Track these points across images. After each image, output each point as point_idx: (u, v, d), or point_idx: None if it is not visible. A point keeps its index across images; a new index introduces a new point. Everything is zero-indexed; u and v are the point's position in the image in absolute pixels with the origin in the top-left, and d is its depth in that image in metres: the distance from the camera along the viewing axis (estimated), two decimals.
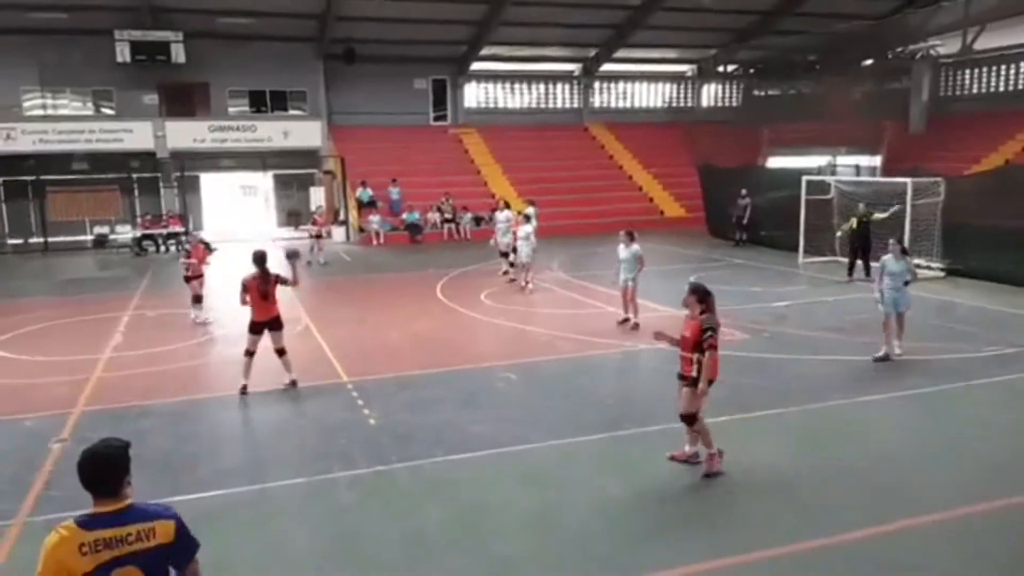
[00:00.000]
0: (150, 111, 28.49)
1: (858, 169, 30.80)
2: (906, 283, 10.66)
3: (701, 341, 6.83)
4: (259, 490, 6.85)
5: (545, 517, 6.31)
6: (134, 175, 28.59)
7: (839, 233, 18.62)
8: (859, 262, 17.00)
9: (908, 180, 17.52)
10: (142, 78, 27.92)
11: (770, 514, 6.28)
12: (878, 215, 17.19)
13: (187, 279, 14.09)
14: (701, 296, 7.05)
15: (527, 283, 16.41)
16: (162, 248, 25.57)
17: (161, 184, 28.48)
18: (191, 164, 28.12)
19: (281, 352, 9.79)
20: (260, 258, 9.66)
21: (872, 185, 20.43)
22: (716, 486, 6.81)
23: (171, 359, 11.44)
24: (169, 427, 8.53)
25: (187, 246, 15.37)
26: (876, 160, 31.67)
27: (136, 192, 28.90)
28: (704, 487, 6.81)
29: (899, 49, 33.09)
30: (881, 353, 10.58)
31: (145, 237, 25.56)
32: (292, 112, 30.67)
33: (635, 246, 13.15)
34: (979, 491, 6.59)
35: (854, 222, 17.30)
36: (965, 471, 7.11)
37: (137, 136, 27.30)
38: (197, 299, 13.97)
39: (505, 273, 18.01)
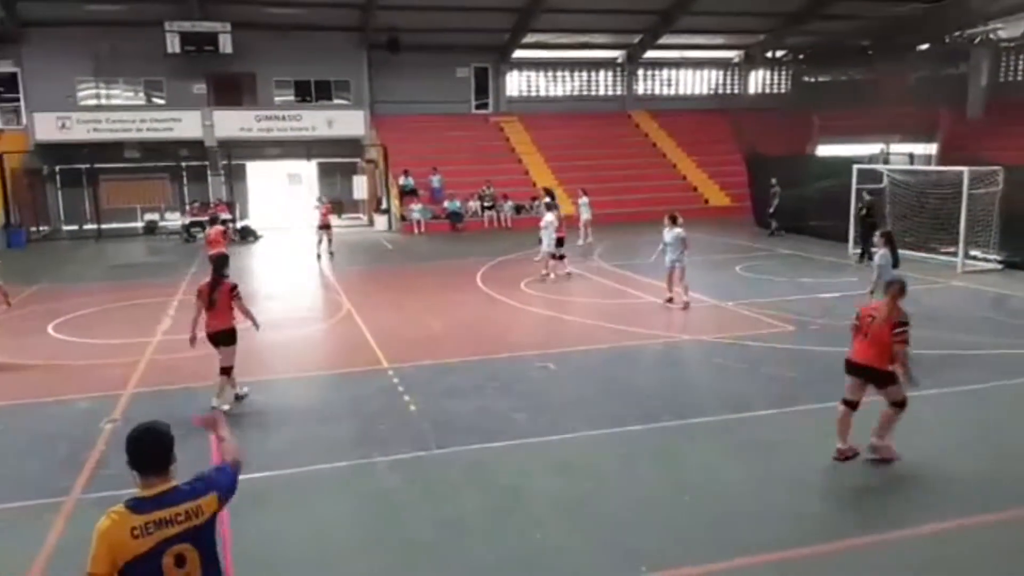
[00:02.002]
0: (199, 101, 29.05)
1: (912, 157, 29.93)
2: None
3: (893, 334, 6.64)
4: (302, 473, 6.95)
5: (581, 507, 6.27)
6: (183, 163, 29.21)
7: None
8: (935, 256, 16.89)
9: (965, 169, 16.93)
10: (191, 68, 28.47)
11: (810, 511, 6.15)
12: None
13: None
14: (900, 290, 6.97)
15: (549, 273, 16.27)
16: None
17: (209, 172, 29.04)
18: (238, 152, 28.60)
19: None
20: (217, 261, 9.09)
21: (927, 174, 19.84)
22: (757, 480, 6.70)
23: None
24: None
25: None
26: (932, 148, 30.74)
27: (185, 180, 29.54)
28: (743, 481, 6.70)
29: (957, 33, 31.98)
30: None
31: (193, 224, 26.09)
32: (336, 101, 30.95)
33: (678, 229, 13.33)
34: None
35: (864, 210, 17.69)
36: (1012, 472, 6.84)
37: (186, 125, 27.88)
38: None
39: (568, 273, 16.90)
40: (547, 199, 18.76)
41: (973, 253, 17.08)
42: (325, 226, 20.49)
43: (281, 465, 7.07)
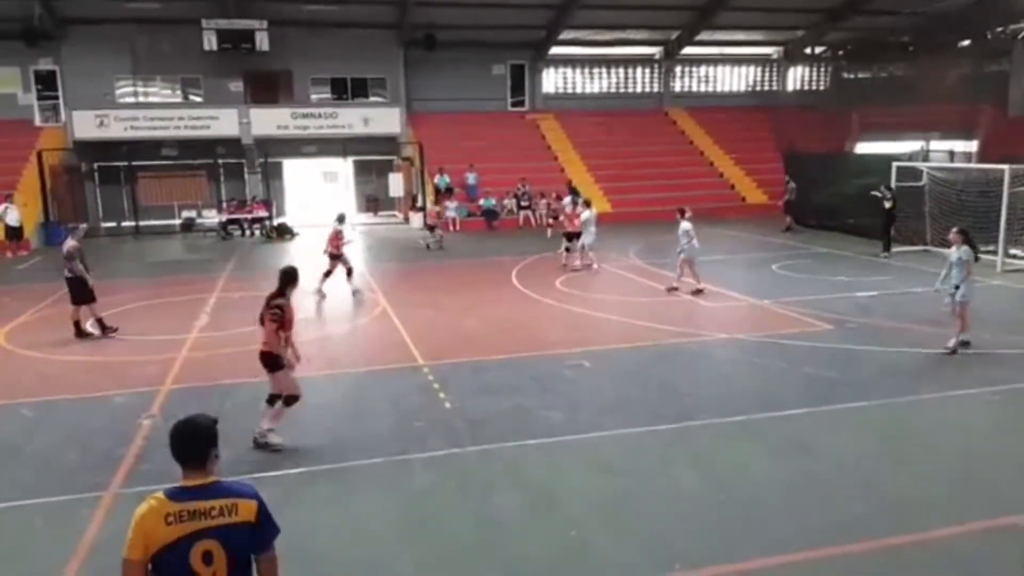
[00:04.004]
0: (235, 98, 29.42)
1: (952, 155, 29.28)
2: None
3: None
4: (338, 469, 7.01)
5: (617, 505, 6.26)
6: (220, 161, 29.57)
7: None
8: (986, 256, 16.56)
9: (1006, 167, 16.55)
10: (228, 66, 28.84)
11: (850, 509, 6.05)
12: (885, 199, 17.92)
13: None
14: None
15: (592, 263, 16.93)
16: (247, 232, 26.40)
17: (246, 170, 29.40)
18: (274, 150, 28.89)
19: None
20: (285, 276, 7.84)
21: (967, 172, 19.40)
22: (793, 480, 6.60)
23: (255, 340, 11.69)
24: (252, 406, 8.77)
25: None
26: (972, 145, 30.05)
27: (222, 178, 29.89)
28: (779, 481, 6.61)
29: (999, 29, 31.21)
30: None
31: (231, 222, 26.45)
32: (372, 99, 31.15)
33: (684, 223, 14.46)
34: None
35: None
36: None
37: (223, 123, 28.21)
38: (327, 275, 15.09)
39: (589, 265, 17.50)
40: (582, 198, 18.85)
41: (1013, 252, 16.72)
42: (336, 256, 15.58)
43: (320, 461, 7.14)
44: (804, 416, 8.08)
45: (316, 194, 32.36)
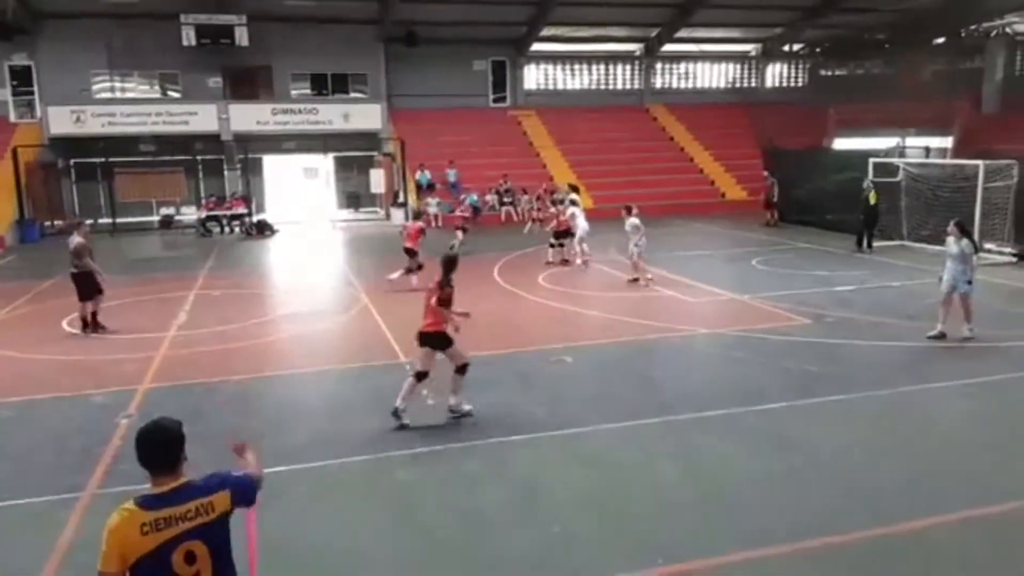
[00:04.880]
0: (214, 94, 29.13)
1: (928, 151, 29.66)
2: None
3: None
4: (322, 466, 6.98)
5: (599, 499, 6.29)
6: (199, 157, 29.28)
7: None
8: (934, 247, 16.64)
9: (980, 162, 16.83)
10: (207, 61, 28.54)
11: (830, 502, 6.12)
12: (872, 193, 17.75)
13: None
14: None
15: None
16: (226, 229, 26.19)
17: (225, 166, 29.13)
18: (254, 146, 28.66)
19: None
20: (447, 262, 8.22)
21: (942, 167, 19.67)
22: (774, 473, 6.67)
23: (234, 338, 11.72)
24: (232, 404, 8.75)
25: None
26: (947, 141, 30.45)
27: (201, 174, 29.61)
28: (760, 474, 6.68)
29: (973, 27, 31.63)
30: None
31: (210, 218, 26.21)
32: (353, 95, 30.96)
33: (631, 219, 15.07)
34: None
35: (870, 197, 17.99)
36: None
37: (202, 119, 27.92)
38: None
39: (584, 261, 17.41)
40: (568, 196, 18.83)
41: (988, 246, 16.99)
42: (413, 251, 15.29)
43: (301, 459, 7.10)
44: (784, 410, 8.16)
45: (297, 191, 32.16)
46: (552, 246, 17.69)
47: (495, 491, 6.45)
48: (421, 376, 7.97)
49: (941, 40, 32.96)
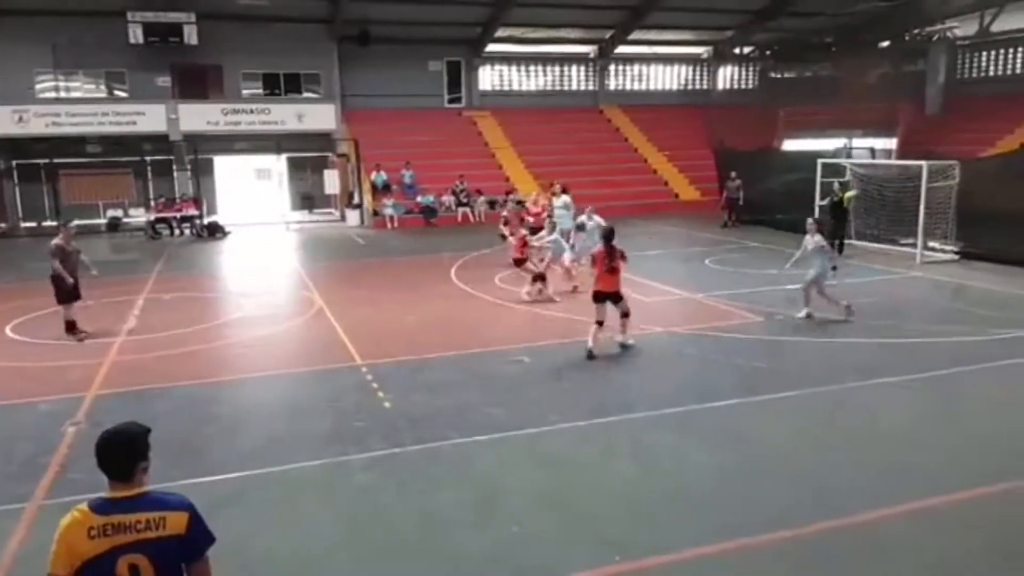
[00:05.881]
0: (163, 94, 28.49)
1: (873, 152, 30.50)
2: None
3: None
4: (275, 472, 6.90)
5: (560, 499, 6.34)
6: (147, 158, 28.62)
7: (824, 202, 18.91)
8: (892, 248, 17.19)
9: (923, 163, 17.37)
10: (155, 60, 27.90)
11: (782, 496, 6.27)
12: (850, 194, 17.27)
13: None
14: None
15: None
16: (176, 232, 25.67)
17: (174, 167, 28.50)
18: (204, 147, 28.12)
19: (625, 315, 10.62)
20: (609, 233, 10.59)
21: (887, 168, 20.25)
22: (729, 469, 6.81)
23: (187, 342, 11.51)
24: (185, 410, 8.59)
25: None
26: (892, 143, 31.34)
27: (149, 175, 28.96)
28: (715, 470, 6.81)
29: (916, 31, 32.63)
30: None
31: (159, 221, 25.66)
32: (306, 95, 30.60)
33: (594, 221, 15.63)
34: (983, 474, 6.59)
35: (828, 201, 17.66)
36: (972, 453, 7.11)
37: (150, 119, 27.30)
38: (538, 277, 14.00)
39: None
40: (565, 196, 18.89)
41: (931, 244, 17.56)
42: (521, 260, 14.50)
43: (255, 465, 7.00)
44: (737, 406, 8.33)
45: (249, 192, 31.69)
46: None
47: (454, 492, 6.46)
48: (600, 324, 10.25)
49: (885, 44, 33.90)
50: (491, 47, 32.87)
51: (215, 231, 25.23)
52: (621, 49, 34.57)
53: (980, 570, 5.25)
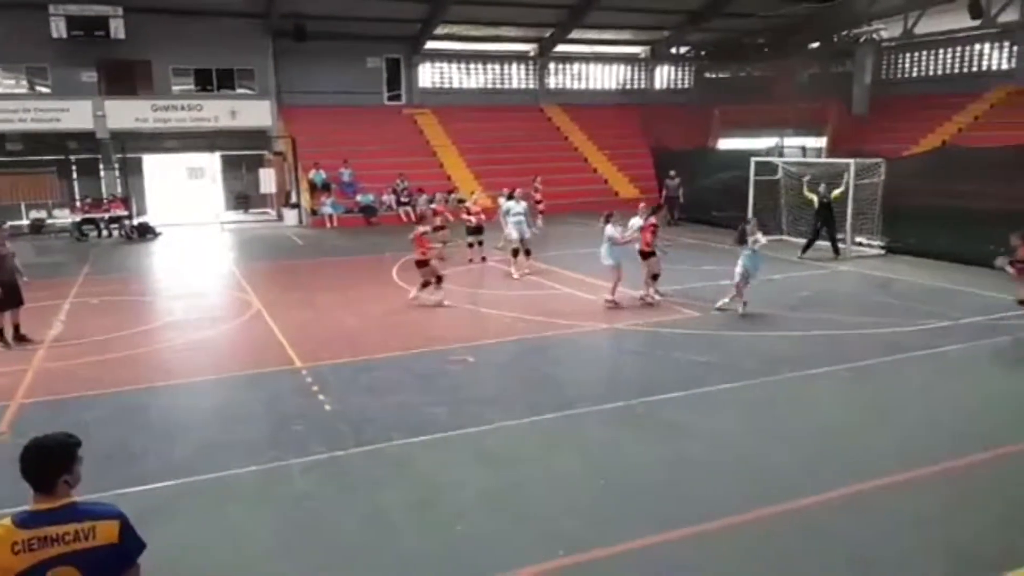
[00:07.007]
0: (88, 89, 27.38)
1: (804, 150, 31.38)
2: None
3: None
4: (211, 479, 6.70)
5: (504, 496, 6.34)
6: (72, 157, 27.53)
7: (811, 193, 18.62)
8: (821, 242, 17.55)
9: (851, 161, 17.96)
10: (79, 55, 26.78)
11: (723, 486, 6.40)
12: (836, 192, 17.68)
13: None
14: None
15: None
16: (104, 233, 24.79)
17: (101, 166, 27.50)
18: (133, 145, 27.19)
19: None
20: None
21: (818, 166, 20.86)
22: (671, 461, 6.92)
23: (116, 348, 11.10)
24: (115, 418, 8.29)
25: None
26: (822, 141, 32.30)
27: (75, 174, 27.85)
28: (657, 462, 6.91)
29: (844, 32, 33.69)
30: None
31: (86, 221, 24.72)
32: (240, 91, 29.84)
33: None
34: (914, 458, 6.83)
35: (815, 200, 17.71)
36: (901, 438, 7.38)
37: (75, 116, 26.28)
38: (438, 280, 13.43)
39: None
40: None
41: (858, 239, 18.17)
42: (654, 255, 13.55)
43: (189, 472, 6.80)
44: (678, 399, 8.47)
45: (181, 191, 30.80)
46: (471, 245, 17.55)
47: (397, 494, 6.39)
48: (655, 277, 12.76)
49: (815, 45, 34.90)
50: (431, 44, 32.66)
51: (145, 232, 24.44)
52: (561, 48, 34.78)
53: (905, 553, 5.44)
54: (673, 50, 37.14)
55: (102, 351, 10.89)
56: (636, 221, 14.17)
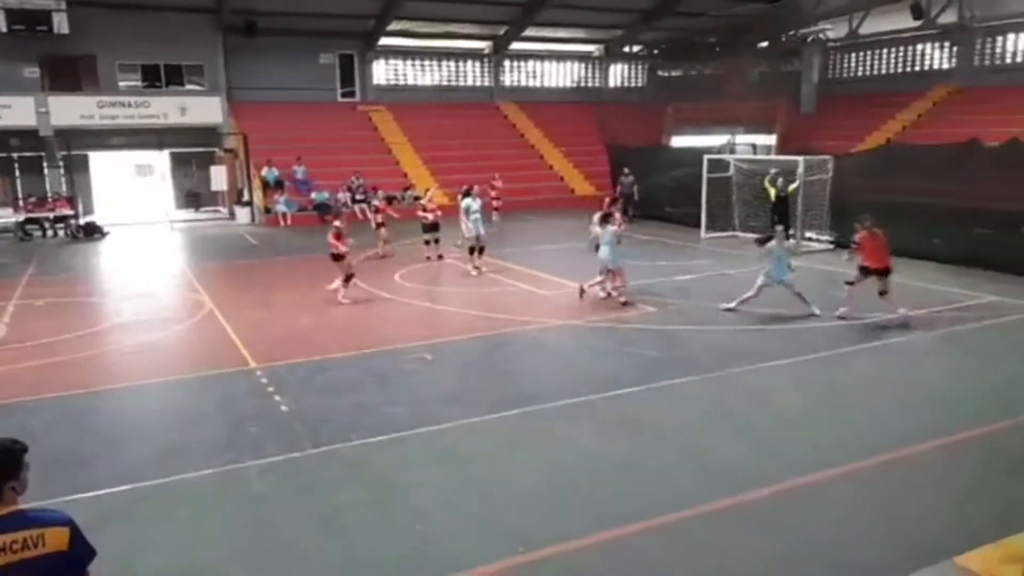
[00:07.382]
0: (31, 85, 26.52)
1: (755, 147, 31.96)
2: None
3: None
4: (164, 484, 6.58)
5: (463, 494, 6.35)
6: (14, 154, 26.69)
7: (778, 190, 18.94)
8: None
9: (801, 158, 18.38)
10: (20, 49, 25.90)
11: (681, 479, 6.50)
12: (792, 186, 18.04)
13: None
14: None
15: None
16: (49, 233, 24.08)
17: (45, 164, 26.68)
18: (78, 142, 26.43)
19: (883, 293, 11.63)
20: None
21: (768, 163, 21.29)
22: (628, 455, 7.01)
23: (64, 351, 10.81)
24: (64, 423, 8.08)
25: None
26: (771, 139, 32.94)
27: (17, 173, 27.00)
28: (615, 456, 6.99)
29: (792, 32, 34.40)
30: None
31: (29, 221, 23.97)
32: (189, 87, 29.21)
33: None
34: (863, 447, 7.05)
35: (773, 193, 18.06)
36: (851, 429, 7.60)
37: (16, 112, 25.41)
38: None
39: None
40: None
41: (808, 234, 18.59)
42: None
43: (142, 477, 6.66)
44: (635, 394, 8.57)
45: (129, 190, 30.02)
46: (427, 242, 17.59)
47: (356, 495, 6.36)
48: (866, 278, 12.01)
49: (764, 44, 35.57)
50: (385, 40, 32.41)
51: (92, 231, 23.80)
52: (515, 46, 34.83)
53: (859, 537, 5.60)
54: (626, 49, 37.49)
55: (48, 354, 10.60)
56: (597, 230, 14.32)
